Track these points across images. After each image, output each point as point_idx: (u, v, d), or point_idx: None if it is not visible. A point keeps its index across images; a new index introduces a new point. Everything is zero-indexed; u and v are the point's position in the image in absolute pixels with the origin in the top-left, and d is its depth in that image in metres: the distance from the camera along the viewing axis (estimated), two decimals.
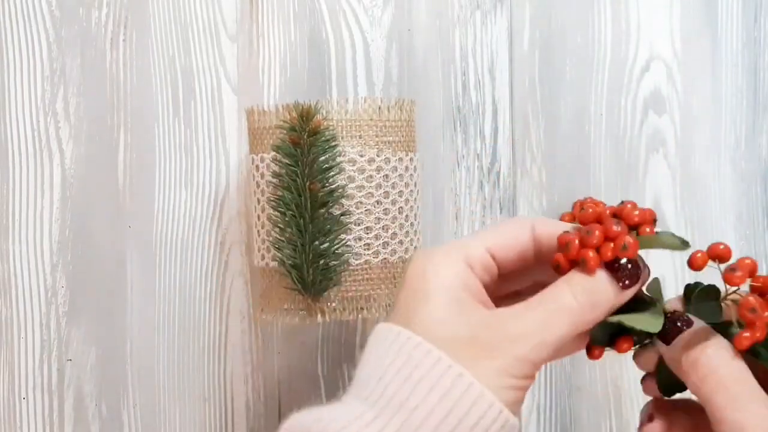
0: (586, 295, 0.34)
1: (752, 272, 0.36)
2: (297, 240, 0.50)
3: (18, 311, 0.62)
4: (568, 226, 0.38)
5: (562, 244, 0.36)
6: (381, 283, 0.53)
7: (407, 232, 0.54)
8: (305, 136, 0.50)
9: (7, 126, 0.62)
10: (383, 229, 0.53)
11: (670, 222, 0.66)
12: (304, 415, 0.34)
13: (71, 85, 0.63)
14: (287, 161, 0.50)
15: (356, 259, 0.52)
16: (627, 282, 0.35)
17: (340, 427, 0.32)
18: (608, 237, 0.35)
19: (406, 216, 0.54)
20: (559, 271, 0.36)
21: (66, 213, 0.63)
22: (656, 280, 0.38)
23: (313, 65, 0.64)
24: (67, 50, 0.63)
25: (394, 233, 0.53)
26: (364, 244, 0.52)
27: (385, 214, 0.53)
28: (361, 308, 0.52)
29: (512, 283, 0.40)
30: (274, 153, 0.51)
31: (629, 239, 0.35)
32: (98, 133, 0.63)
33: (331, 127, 0.51)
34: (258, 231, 0.56)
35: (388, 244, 0.53)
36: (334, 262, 0.51)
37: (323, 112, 0.51)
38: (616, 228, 0.35)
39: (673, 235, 0.37)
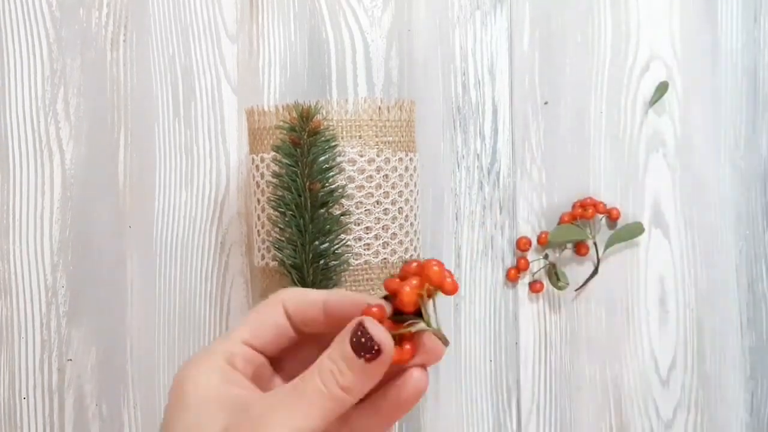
0: (336, 381, 0.35)
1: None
2: (297, 240, 0.50)
3: (18, 311, 0.62)
4: (316, 297, 0.38)
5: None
6: (381, 283, 0.53)
7: (407, 232, 0.54)
8: (305, 136, 0.50)
9: (7, 126, 0.62)
10: (383, 229, 0.53)
11: (670, 222, 0.66)
12: None
13: (71, 85, 0.63)
14: (287, 161, 0.50)
15: (356, 259, 0.52)
16: (367, 355, 0.35)
17: None
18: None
19: (406, 216, 0.54)
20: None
21: (66, 213, 0.63)
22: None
23: (313, 65, 0.64)
24: (67, 50, 0.63)
25: (394, 233, 0.53)
26: (364, 244, 0.52)
27: (385, 214, 0.53)
28: None
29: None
30: (274, 153, 0.51)
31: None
32: (98, 133, 0.63)
33: (331, 127, 0.51)
34: (258, 231, 0.56)
35: (388, 244, 0.53)
36: (334, 262, 0.51)
37: (323, 112, 0.51)
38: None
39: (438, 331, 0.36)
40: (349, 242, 0.52)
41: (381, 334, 0.35)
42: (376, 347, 0.34)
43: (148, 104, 0.63)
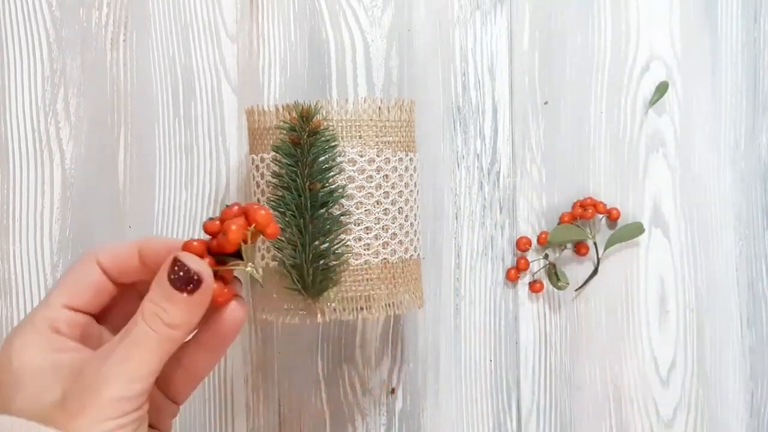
0: (161, 320, 0.35)
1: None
2: (297, 240, 0.50)
3: (18, 311, 0.62)
4: (130, 247, 0.39)
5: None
6: (381, 283, 0.53)
7: (407, 232, 0.54)
8: (305, 136, 0.50)
9: (7, 126, 0.62)
10: (383, 229, 0.53)
11: (670, 222, 0.66)
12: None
13: (71, 85, 0.63)
14: (287, 161, 0.50)
15: (356, 259, 0.52)
16: (188, 287, 0.35)
17: None
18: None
19: (406, 216, 0.54)
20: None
21: (66, 213, 0.63)
22: None
23: (313, 65, 0.64)
24: (67, 50, 0.63)
25: (394, 233, 0.53)
26: (364, 244, 0.52)
27: (385, 214, 0.53)
28: (361, 308, 0.52)
29: None
30: (274, 153, 0.51)
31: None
32: (98, 133, 0.63)
33: (331, 128, 0.51)
34: None
35: (387, 245, 0.53)
36: (334, 262, 0.51)
37: (323, 112, 0.51)
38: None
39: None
40: (349, 242, 0.52)
41: (198, 264, 0.35)
42: (195, 277, 0.35)
43: (148, 104, 0.63)
